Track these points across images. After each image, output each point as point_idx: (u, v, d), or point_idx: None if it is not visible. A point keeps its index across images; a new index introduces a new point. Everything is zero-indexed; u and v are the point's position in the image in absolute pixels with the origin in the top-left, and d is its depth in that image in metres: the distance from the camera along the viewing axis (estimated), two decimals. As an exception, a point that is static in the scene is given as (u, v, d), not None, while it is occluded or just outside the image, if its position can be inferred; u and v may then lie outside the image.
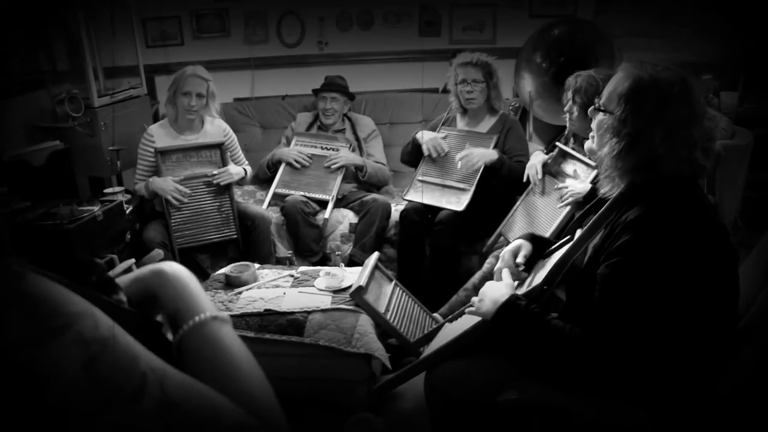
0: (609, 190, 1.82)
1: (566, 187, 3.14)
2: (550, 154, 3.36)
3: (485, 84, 3.74)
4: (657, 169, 1.67)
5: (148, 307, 0.94)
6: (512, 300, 1.87)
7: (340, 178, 4.03)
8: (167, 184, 3.57)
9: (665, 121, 1.64)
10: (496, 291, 1.95)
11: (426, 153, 3.72)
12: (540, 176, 3.32)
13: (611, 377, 1.68)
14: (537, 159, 3.39)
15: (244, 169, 3.92)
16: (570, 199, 3.10)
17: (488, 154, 3.57)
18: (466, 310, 2.13)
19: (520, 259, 2.15)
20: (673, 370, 1.66)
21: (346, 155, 4.08)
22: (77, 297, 0.72)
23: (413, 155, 3.85)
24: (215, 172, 3.68)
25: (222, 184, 3.69)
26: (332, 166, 4.03)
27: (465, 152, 3.59)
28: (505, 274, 2.11)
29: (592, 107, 1.86)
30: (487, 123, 3.81)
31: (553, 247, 2.11)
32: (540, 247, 2.22)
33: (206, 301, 0.92)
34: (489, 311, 1.91)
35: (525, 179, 3.41)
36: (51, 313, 0.68)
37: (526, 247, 2.19)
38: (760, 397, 1.63)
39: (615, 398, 1.71)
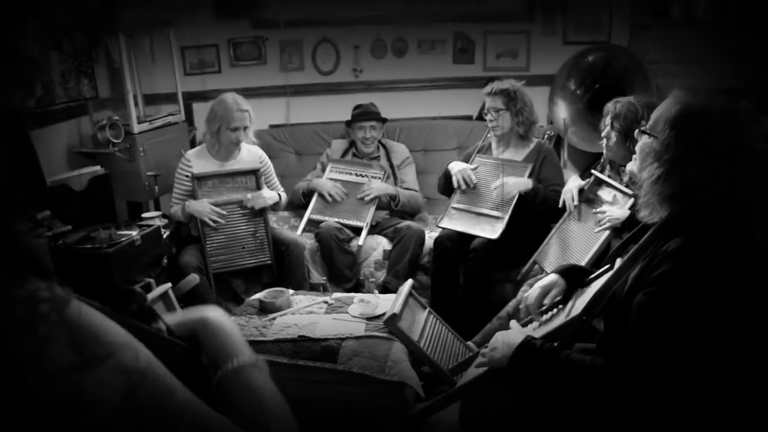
0: (648, 215, 1.79)
1: (604, 212, 3.11)
2: (587, 180, 3.33)
3: (507, 111, 3.71)
4: (696, 199, 1.65)
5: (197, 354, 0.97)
6: (527, 341, 1.85)
7: (374, 205, 4.04)
8: (204, 207, 3.61)
9: (707, 151, 1.62)
10: (509, 336, 1.95)
11: (456, 185, 3.72)
12: (576, 202, 3.29)
13: (637, 404, 1.66)
14: (573, 184, 3.36)
15: (279, 195, 3.95)
16: (608, 224, 3.07)
17: (522, 183, 3.55)
18: (474, 364, 2.12)
19: (547, 301, 2.13)
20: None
21: (378, 186, 4.08)
22: (119, 327, 0.73)
23: (447, 186, 3.84)
24: (249, 196, 3.71)
25: (256, 207, 3.72)
26: (365, 198, 4.03)
27: (499, 182, 3.56)
28: (513, 323, 2.11)
29: (638, 129, 1.84)
30: (523, 151, 3.79)
31: (592, 276, 2.08)
32: (576, 278, 2.18)
33: (244, 347, 0.95)
34: (505, 356, 1.89)
35: (561, 204, 3.39)
36: (94, 341, 0.69)
37: (559, 286, 2.15)
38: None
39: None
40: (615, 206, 3.13)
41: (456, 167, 3.76)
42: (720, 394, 1.64)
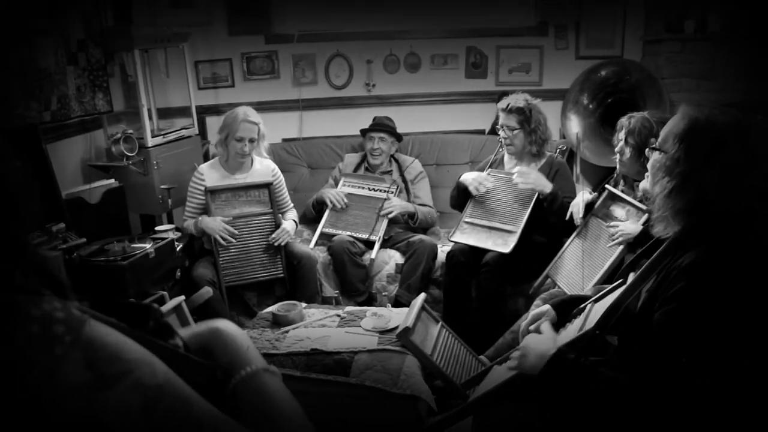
0: (662, 230, 1.79)
1: (617, 227, 3.10)
2: (601, 195, 3.32)
3: (521, 131, 3.70)
4: (708, 212, 1.65)
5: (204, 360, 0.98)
6: (560, 354, 1.83)
7: (387, 218, 4.05)
8: (216, 224, 3.63)
9: (718, 164, 1.63)
10: (541, 344, 1.90)
11: (474, 192, 3.70)
12: (582, 215, 3.29)
13: (661, 425, 1.65)
14: (581, 197, 3.35)
15: (295, 221, 4.00)
16: (621, 239, 3.06)
17: (544, 183, 3.52)
18: (508, 366, 2.10)
19: (533, 327, 2.13)
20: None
21: (399, 203, 4.09)
22: (135, 344, 0.74)
23: (460, 199, 3.84)
24: (273, 235, 3.75)
25: (282, 244, 3.76)
26: (388, 216, 4.03)
27: (525, 168, 3.57)
28: (546, 326, 2.07)
29: (648, 147, 1.84)
30: (535, 165, 3.77)
31: (606, 290, 2.08)
32: (568, 310, 2.18)
33: (256, 355, 0.96)
34: (535, 366, 1.85)
35: (568, 217, 3.38)
36: (111, 360, 0.70)
37: (549, 315, 2.16)
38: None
39: None
40: (628, 221, 3.12)
41: (470, 176, 3.76)
42: (738, 406, 1.63)
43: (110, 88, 4.23)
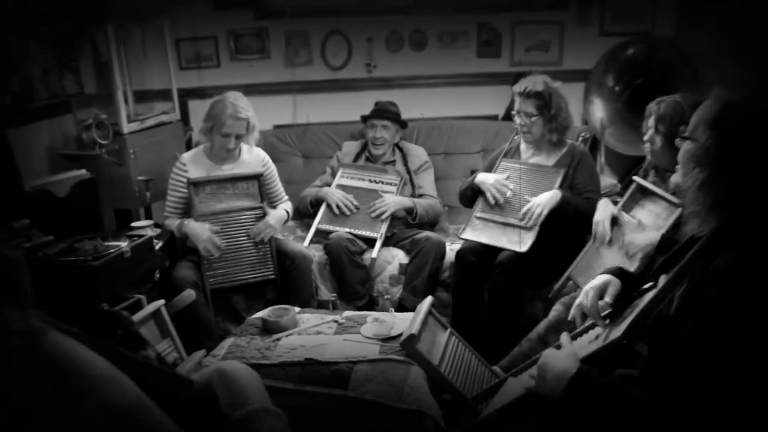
0: (696, 228, 1.76)
1: (632, 242, 3.07)
2: (629, 188, 3.29)
3: (540, 117, 3.67)
4: (743, 207, 1.63)
5: (211, 404, 0.98)
6: (581, 374, 1.80)
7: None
8: (203, 233, 3.60)
9: (753, 153, 1.60)
10: (558, 364, 1.87)
11: (492, 201, 3.67)
12: (609, 235, 3.23)
13: None
14: (605, 213, 3.28)
15: (286, 212, 3.97)
16: (640, 254, 3.02)
17: (551, 198, 3.50)
18: (524, 386, 2.07)
19: (607, 299, 2.05)
20: None
21: (393, 200, 4.07)
22: (102, 359, 0.73)
23: (473, 200, 3.82)
24: (254, 229, 3.72)
25: (265, 239, 3.74)
26: (381, 217, 4.02)
27: (526, 207, 3.52)
28: (564, 340, 2.04)
29: (678, 137, 1.82)
30: (554, 155, 3.76)
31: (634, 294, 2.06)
32: (629, 284, 2.12)
33: (258, 394, 0.98)
34: (554, 389, 1.82)
35: (593, 239, 3.32)
36: (74, 376, 0.69)
37: (615, 285, 2.08)
38: None
39: None
40: (643, 231, 3.08)
41: (488, 180, 3.72)
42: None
43: (80, 67, 4.21)
